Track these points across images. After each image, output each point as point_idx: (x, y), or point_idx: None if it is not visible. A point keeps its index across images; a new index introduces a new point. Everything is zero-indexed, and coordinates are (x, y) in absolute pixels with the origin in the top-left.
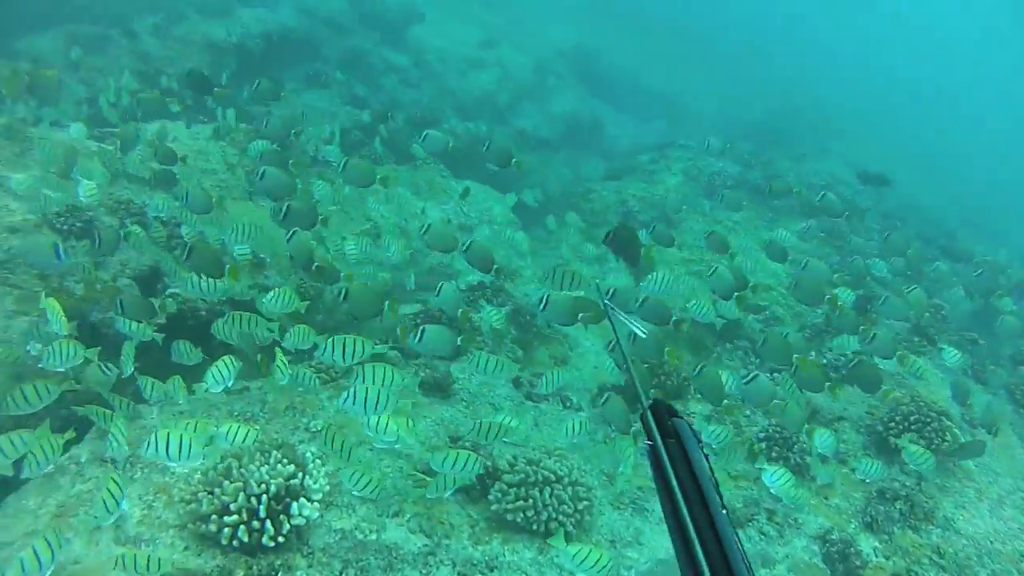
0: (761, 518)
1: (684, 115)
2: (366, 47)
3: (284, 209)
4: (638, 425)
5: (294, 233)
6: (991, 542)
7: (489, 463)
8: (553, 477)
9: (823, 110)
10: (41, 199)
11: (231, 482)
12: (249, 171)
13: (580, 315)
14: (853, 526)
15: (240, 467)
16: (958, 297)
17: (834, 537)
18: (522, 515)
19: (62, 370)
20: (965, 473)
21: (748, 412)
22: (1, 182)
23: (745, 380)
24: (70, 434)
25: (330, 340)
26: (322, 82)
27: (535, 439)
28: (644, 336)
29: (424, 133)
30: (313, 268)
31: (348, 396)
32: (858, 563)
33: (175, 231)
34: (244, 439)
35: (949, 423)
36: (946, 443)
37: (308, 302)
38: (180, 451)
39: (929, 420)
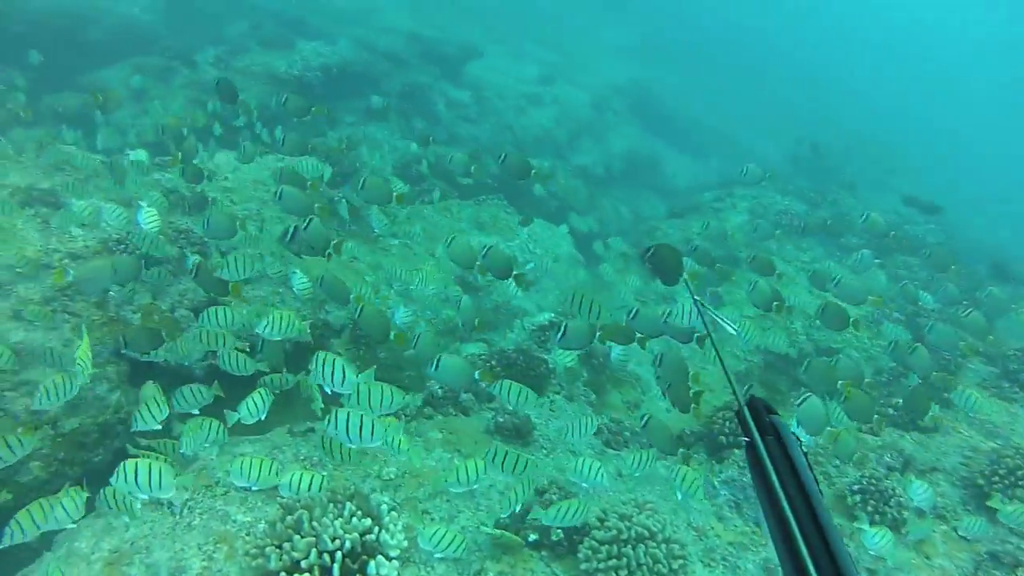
0: None
1: (739, 152)
2: (425, 82)
3: (291, 230)
4: (689, 450)
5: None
6: None
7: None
8: (647, 533)
9: (874, 145)
10: (102, 225)
11: (302, 536)
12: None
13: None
14: None
15: (311, 519)
16: (1018, 323)
17: None
18: (614, 575)
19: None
20: None
21: (837, 462)
22: (65, 207)
23: (798, 402)
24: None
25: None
26: (381, 114)
27: (620, 490)
28: (734, 335)
29: (450, 156)
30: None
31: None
32: None
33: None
34: (310, 487)
35: None
36: None
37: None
38: (151, 482)
39: None
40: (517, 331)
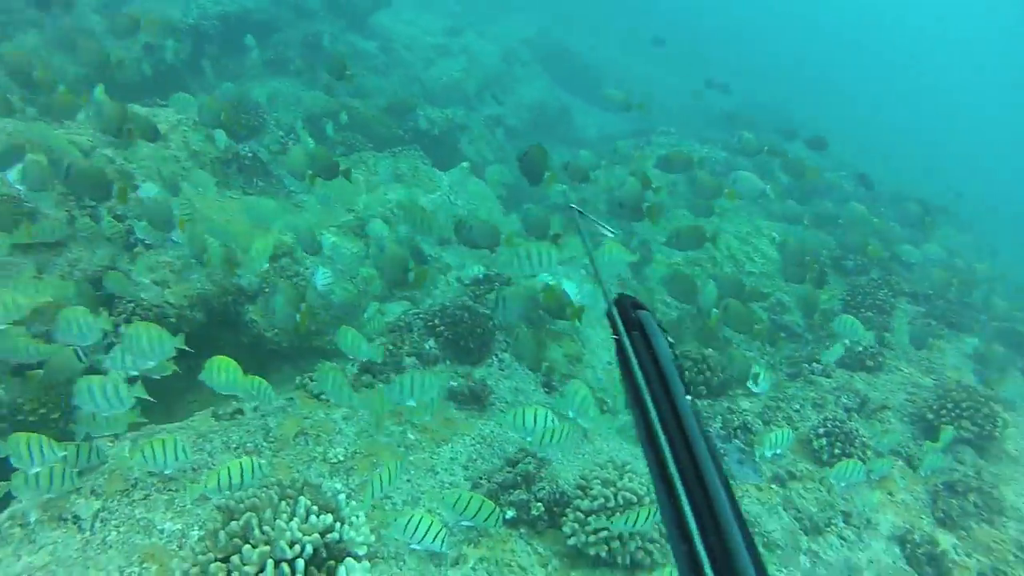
0: (838, 522)
1: (652, 105)
2: (332, 32)
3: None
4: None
5: None
6: None
7: (553, 487)
8: (634, 499)
9: (787, 108)
10: None
11: (253, 545)
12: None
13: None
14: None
15: (261, 523)
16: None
17: (915, 538)
18: (606, 548)
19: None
20: (1012, 458)
21: (797, 406)
22: None
23: None
24: None
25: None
26: (286, 67)
27: (589, 450)
28: (612, 235)
29: None
30: None
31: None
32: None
33: None
34: (252, 474)
35: (998, 407)
36: (997, 429)
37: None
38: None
39: (979, 406)
40: (443, 287)
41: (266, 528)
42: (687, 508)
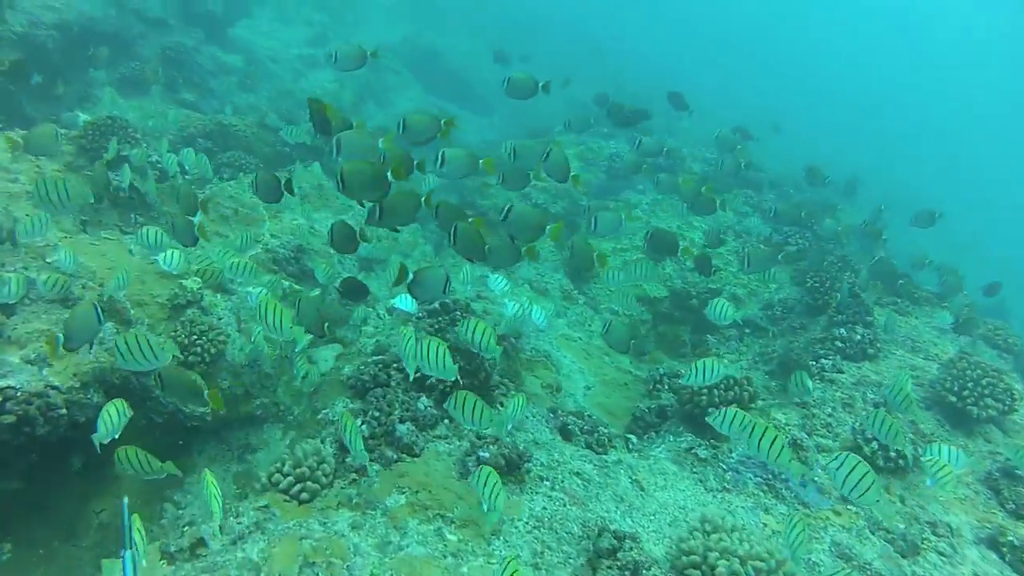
0: (929, 535)
1: (524, 107)
2: (190, 44)
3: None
4: None
5: None
6: None
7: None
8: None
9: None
10: None
11: None
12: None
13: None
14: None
15: None
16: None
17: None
18: None
19: None
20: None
21: (829, 409)
22: None
23: None
24: None
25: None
26: (142, 84)
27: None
28: None
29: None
30: None
31: None
32: None
33: None
34: None
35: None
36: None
37: None
38: None
39: (996, 382)
40: (374, 322)
41: None
42: None
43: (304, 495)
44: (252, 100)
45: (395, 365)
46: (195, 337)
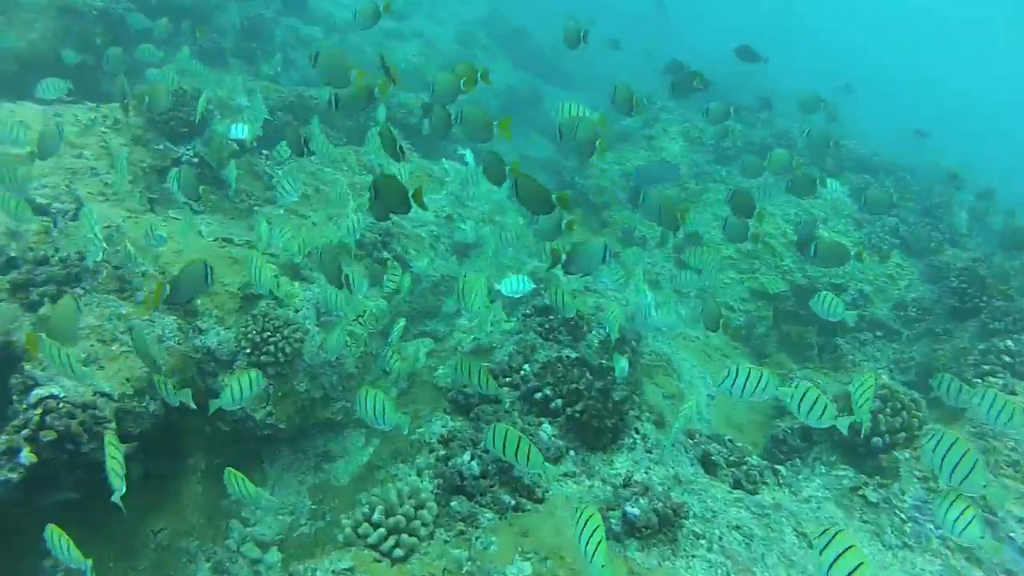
0: None
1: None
2: (269, 16)
3: None
4: None
5: None
6: None
7: None
8: None
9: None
10: None
11: None
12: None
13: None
14: None
15: None
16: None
17: None
18: None
19: None
20: None
21: (1012, 443)
22: None
23: None
24: None
25: None
26: (219, 57)
27: None
28: None
29: None
30: None
31: None
32: None
33: None
34: None
35: None
36: None
37: None
38: None
39: None
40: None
41: None
42: None
43: (398, 551)
44: None
45: (505, 379)
46: (268, 334)
